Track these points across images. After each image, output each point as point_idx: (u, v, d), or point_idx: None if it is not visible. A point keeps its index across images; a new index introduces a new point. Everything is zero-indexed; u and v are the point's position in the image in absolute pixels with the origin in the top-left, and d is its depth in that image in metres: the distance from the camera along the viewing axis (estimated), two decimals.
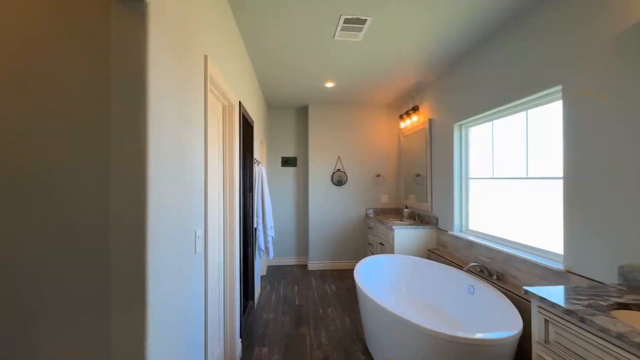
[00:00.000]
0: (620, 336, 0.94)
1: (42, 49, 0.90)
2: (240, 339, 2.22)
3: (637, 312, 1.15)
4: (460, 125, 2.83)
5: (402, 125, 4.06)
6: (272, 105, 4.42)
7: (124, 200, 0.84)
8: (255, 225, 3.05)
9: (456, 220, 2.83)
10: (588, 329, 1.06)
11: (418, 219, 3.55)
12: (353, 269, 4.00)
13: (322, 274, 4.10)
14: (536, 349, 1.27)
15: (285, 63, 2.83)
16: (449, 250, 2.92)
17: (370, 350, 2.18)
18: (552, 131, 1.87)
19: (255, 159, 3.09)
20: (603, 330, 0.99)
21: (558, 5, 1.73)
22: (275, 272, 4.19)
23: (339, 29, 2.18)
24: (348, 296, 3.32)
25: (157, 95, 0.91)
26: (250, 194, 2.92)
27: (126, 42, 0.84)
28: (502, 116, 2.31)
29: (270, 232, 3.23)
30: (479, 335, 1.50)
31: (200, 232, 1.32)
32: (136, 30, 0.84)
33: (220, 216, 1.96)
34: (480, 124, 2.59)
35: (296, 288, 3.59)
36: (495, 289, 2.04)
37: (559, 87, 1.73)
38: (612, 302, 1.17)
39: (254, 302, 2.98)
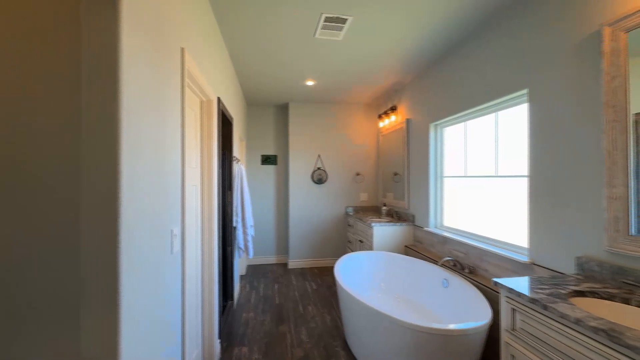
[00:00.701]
0: (577, 321, 1.02)
1: (4, 42, 0.84)
2: (219, 340, 2.18)
3: (592, 298, 1.26)
4: (436, 125, 2.93)
5: (381, 124, 4.14)
6: (252, 102, 4.36)
7: (96, 197, 0.80)
8: (234, 224, 3.00)
9: (431, 217, 2.93)
10: (550, 316, 1.14)
11: (396, 216, 3.65)
12: (333, 267, 4.04)
13: (303, 272, 4.10)
14: (504, 337, 1.35)
15: (266, 59, 2.80)
16: (425, 246, 3.02)
17: (350, 345, 2.22)
18: (520, 132, 1.99)
19: (235, 156, 3.03)
20: (563, 316, 1.08)
21: (524, 15, 1.84)
22: (255, 271, 4.15)
23: (319, 27, 2.19)
24: (328, 293, 3.35)
25: (130, 88, 0.87)
26: (230, 192, 2.87)
27: (97, 33, 0.80)
28: (474, 117, 2.42)
29: (250, 231, 3.19)
30: (452, 326, 1.57)
31: (177, 231, 1.28)
32: (108, 20, 0.80)
33: (198, 214, 1.91)
34: (454, 124, 2.71)
35: (276, 287, 3.57)
36: (467, 281, 2.15)
37: (526, 91, 1.84)
38: (570, 291, 1.27)
39: (233, 302, 2.93)
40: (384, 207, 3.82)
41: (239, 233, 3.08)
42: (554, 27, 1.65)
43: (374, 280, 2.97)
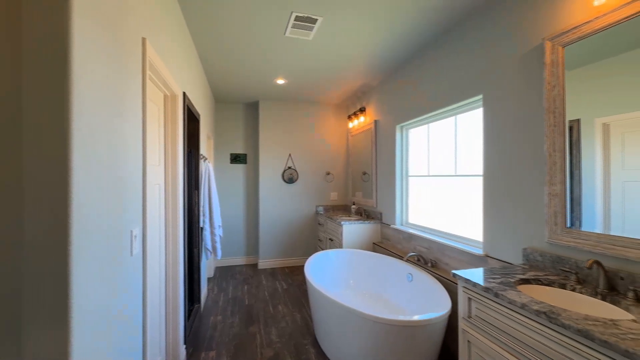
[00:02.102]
0: (523, 306, 1.14)
1: None
2: (184, 345, 2.10)
3: (535, 285, 1.40)
4: (402, 127, 3.06)
5: (351, 125, 4.23)
6: (221, 99, 4.23)
7: (42, 195, 0.74)
8: (201, 225, 2.90)
9: (397, 215, 3.06)
10: (500, 302, 1.25)
11: (365, 214, 3.75)
12: (304, 265, 4.05)
13: (273, 272, 4.07)
14: (461, 324, 1.45)
15: (235, 56, 2.74)
16: (392, 243, 3.15)
17: (320, 342, 2.25)
18: (477, 134, 2.15)
19: (202, 154, 2.93)
20: (511, 302, 1.19)
21: (480, 25, 1.98)
22: (223, 273, 4.03)
23: (290, 25, 2.19)
24: (299, 292, 3.36)
25: (82, 77, 0.81)
26: (196, 191, 2.76)
27: (42, 20, 0.74)
28: (436, 120, 2.57)
29: (218, 232, 3.10)
30: (415, 317, 1.66)
31: (137, 232, 1.22)
32: (56, 4, 0.74)
33: (162, 215, 1.82)
34: (418, 126, 2.85)
35: (246, 288, 3.51)
36: (430, 275, 2.27)
37: (480, 96, 1.99)
38: (518, 279, 1.40)
39: (200, 305, 2.83)
40: (354, 206, 3.91)
41: (207, 234, 2.98)
42: (506, 38, 1.80)
43: (343, 278, 3.03)
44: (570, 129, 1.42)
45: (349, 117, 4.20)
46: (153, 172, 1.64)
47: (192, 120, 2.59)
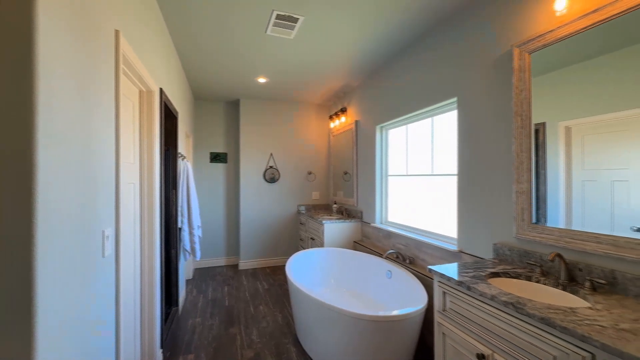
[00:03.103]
0: (493, 297, 1.20)
1: None
2: (161, 350, 2.04)
3: (504, 278, 1.48)
4: (381, 127, 3.13)
5: (332, 125, 4.27)
6: (201, 97, 4.13)
7: (3, 194, 0.70)
8: (179, 225, 2.82)
9: (377, 213, 3.12)
10: (472, 295, 1.32)
11: (346, 213, 3.80)
12: (285, 265, 4.04)
13: (254, 273, 4.03)
14: (437, 317, 1.51)
15: (214, 53, 2.69)
16: (372, 241, 3.21)
17: (301, 340, 2.26)
18: (452, 135, 2.23)
19: (180, 153, 2.85)
20: (482, 294, 1.25)
21: (455, 30, 2.07)
22: (203, 275, 3.94)
23: (271, 24, 2.18)
24: (280, 292, 3.34)
25: (49, 69, 0.78)
26: (174, 191, 2.69)
27: (3, 7, 0.70)
28: (414, 121, 2.65)
29: (197, 232, 3.03)
30: (393, 313, 1.71)
31: (109, 232, 1.17)
32: None
33: (137, 215, 1.76)
34: (397, 127, 2.92)
35: (226, 289, 3.45)
36: (408, 271, 2.34)
37: (455, 99, 2.08)
38: (488, 273, 1.47)
39: (178, 308, 2.75)
40: (335, 205, 3.95)
41: (185, 234, 2.91)
42: (479, 44, 1.89)
43: (324, 276, 3.05)
44: (537, 131, 1.51)
45: (331, 117, 4.24)
46: (127, 170, 1.58)
47: (169, 117, 2.52)
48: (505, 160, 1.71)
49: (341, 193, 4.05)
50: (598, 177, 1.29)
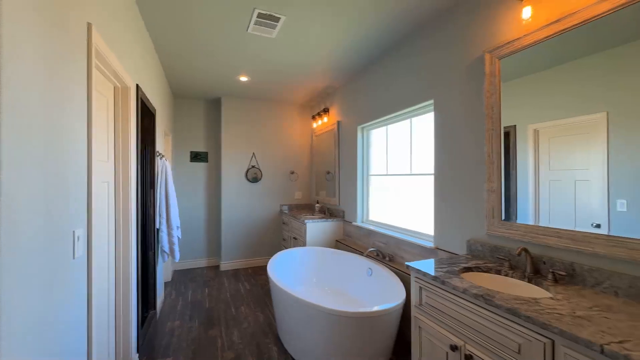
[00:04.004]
0: (465, 290, 1.26)
1: None
2: (137, 354, 1.98)
3: (476, 272, 1.55)
4: (363, 128, 3.18)
5: (314, 125, 4.29)
6: (180, 95, 4.03)
7: None
8: (157, 226, 2.74)
9: (359, 212, 3.17)
10: (446, 289, 1.37)
11: (328, 212, 3.83)
12: (267, 265, 4.01)
13: (236, 273, 3.98)
14: (414, 312, 1.56)
15: (193, 49, 2.64)
16: (353, 239, 3.25)
17: (282, 339, 2.26)
18: (429, 136, 2.31)
19: (158, 152, 2.77)
20: (455, 288, 1.31)
21: (432, 35, 2.14)
22: (182, 277, 3.85)
23: (252, 22, 2.17)
24: (262, 292, 3.32)
25: (12, 61, 0.75)
26: (152, 190, 2.61)
27: None
28: (394, 122, 2.72)
29: (176, 233, 2.96)
30: (371, 309, 1.75)
31: (80, 233, 1.13)
32: None
33: (112, 215, 1.71)
34: (378, 127, 2.98)
35: (206, 290, 3.39)
36: (387, 268, 2.39)
37: (432, 101, 2.15)
38: (461, 268, 1.54)
39: (156, 312, 2.68)
40: (317, 205, 3.97)
41: (164, 235, 2.83)
42: (453, 49, 1.97)
43: (306, 275, 3.06)
44: (509, 133, 1.60)
45: (313, 117, 4.26)
46: (101, 168, 1.53)
47: (147, 114, 2.44)
48: (477, 161, 1.79)
49: (324, 193, 4.08)
50: (563, 177, 1.38)
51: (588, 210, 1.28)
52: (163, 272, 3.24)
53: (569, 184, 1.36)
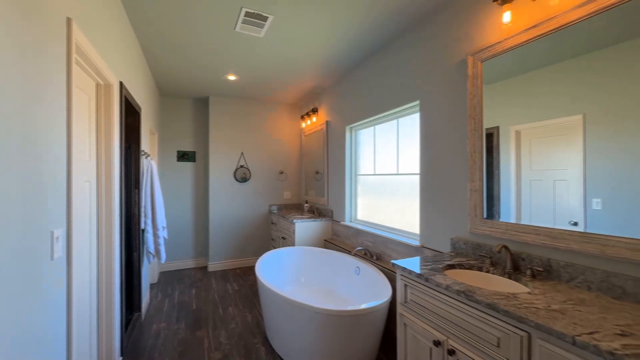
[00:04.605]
0: (447, 287, 1.29)
1: None
2: (121, 358, 1.94)
3: (459, 269, 1.59)
4: (351, 128, 3.21)
5: (303, 125, 4.29)
6: (167, 93, 3.96)
7: None
8: (143, 226, 2.69)
9: (347, 212, 3.20)
10: (430, 286, 1.40)
11: (317, 212, 3.84)
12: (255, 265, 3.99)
13: (224, 274, 3.94)
14: (399, 309, 1.59)
15: (180, 48, 2.60)
16: (342, 239, 3.27)
17: (270, 340, 2.26)
18: (415, 136, 2.35)
19: (144, 150, 2.72)
20: (438, 285, 1.34)
21: (418, 36, 2.18)
22: (169, 278, 3.78)
23: (240, 20, 2.15)
24: (250, 293, 3.31)
25: None
26: (137, 190, 2.56)
27: None
28: (381, 122, 2.75)
29: (162, 233, 2.91)
30: (358, 307, 1.77)
31: (59, 233, 1.11)
32: None
33: (94, 215, 1.67)
34: (365, 127, 3.01)
35: (194, 292, 3.34)
36: (375, 267, 2.42)
37: (417, 102, 2.19)
38: (445, 265, 1.57)
39: (141, 314, 2.63)
40: (306, 204, 3.97)
41: (149, 236, 2.78)
42: (438, 51, 2.01)
43: (295, 275, 3.06)
44: (492, 134, 1.64)
45: (302, 117, 4.26)
46: (82, 167, 1.49)
47: (131, 112, 2.40)
48: (461, 161, 1.83)
49: (313, 192, 4.09)
50: (543, 177, 1.43)
51: (567, 209, 1.33)
52: (149, 273, 3.18)
53: (549, 183, 1.41)
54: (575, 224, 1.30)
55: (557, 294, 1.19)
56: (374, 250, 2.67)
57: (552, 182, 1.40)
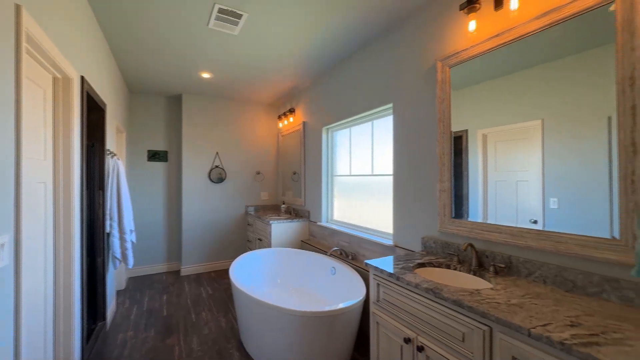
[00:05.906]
0: (417, 285, 1.32)
1: None
2: None
3: (428, 268, 1.64)
4: (328, 129, 3.22)
5: (281, 125, 4.26)
6: (137, 90, 3.78)
7: None
8: (108, 230, 2.55)
9: (323, 212, 3.21)
10: (401, 284, 1.43)
11: (294, 213, 3.82)
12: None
13: (198, 278, 3.81)
14: (372, 308, 1.61)
15: (150, 42, 2.49)
16: (318, 239, 3.28)
17: (245, 344, 2.21)
18: (389, 138, 2.40)
19: (109, 149, 2.58)
20: (408, 283, 1.37)
21: (391, 41, 2.23)
22: (138, 284, 3.61)
23: (213, 17, 2.10)
24: (225, 296, 3.22)
25: None
26: (101, 191, 2.42)
27: None
28: (357, 124, 2.78)
29: (130, 237, 2.77)
30: (333, 307, 1.77)
31: (6, 239, 1.02)
32: None
33: (50, 219, 1.55)
34: (341, 129, 3.04)
35: (165, 297, 3.21)
36: (350, 267, 2.44)
37: (391, 105, 2.24)
38: (416, 264, 1.62)
39: (105, 323, 2.48)
40: (284, 205, 3.94)
41: (115, 240, 2.63)
42: (411, 56, 2.06)
43: (270, 277, 3.03)
44: (461, 137, 1.71)
45: (279, 117, 4.22)
46: (35, 167, 1.38)
47: (95, 109, 2.26)
48: (432, 162, 1.89)
49: (290, 193, 4.06)
50: (507, 178, 1.50)
51: (528, 208, 1.41)
52: (115, 279, 3.01)
53: (512, 184, 1.48)
54: (535, 222, 1.38)
55: (517, 288, 1.25)
56: (350, 250, 2.69)
57: (515, 183, 1.47)
